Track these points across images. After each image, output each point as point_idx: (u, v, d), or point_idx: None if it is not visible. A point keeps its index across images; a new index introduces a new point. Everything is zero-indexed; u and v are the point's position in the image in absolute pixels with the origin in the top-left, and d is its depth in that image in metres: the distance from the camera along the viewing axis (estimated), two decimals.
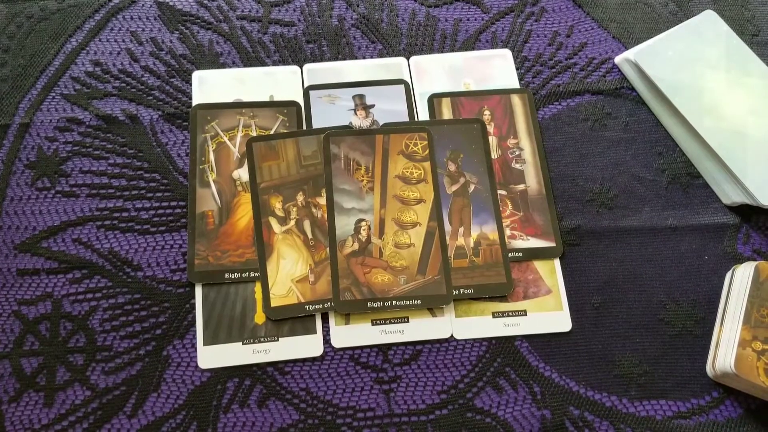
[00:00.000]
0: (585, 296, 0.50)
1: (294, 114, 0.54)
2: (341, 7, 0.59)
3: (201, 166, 0.52)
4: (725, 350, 0.46)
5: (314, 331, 0.48)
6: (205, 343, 0.47)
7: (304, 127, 0.54)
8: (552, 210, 0.52)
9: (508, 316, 0.49)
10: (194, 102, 0.54)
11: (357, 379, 0.47)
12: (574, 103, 0.56)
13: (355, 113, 0.55)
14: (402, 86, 0.56)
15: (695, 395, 0.48)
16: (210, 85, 0.55)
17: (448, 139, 0.54)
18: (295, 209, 0.51)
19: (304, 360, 0.47)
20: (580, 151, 0.55)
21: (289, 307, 0.48)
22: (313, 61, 0.57)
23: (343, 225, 0.50)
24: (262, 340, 0.47)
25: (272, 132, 0.53)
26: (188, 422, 0.45)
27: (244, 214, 0.51)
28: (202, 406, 0.46)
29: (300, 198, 0.51)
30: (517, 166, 0.54)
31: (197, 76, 0.55)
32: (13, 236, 0.49)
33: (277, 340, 0.47)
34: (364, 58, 0.57)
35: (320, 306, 0.48)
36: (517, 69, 0.57)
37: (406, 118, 0.55)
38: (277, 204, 0.51)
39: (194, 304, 0.48)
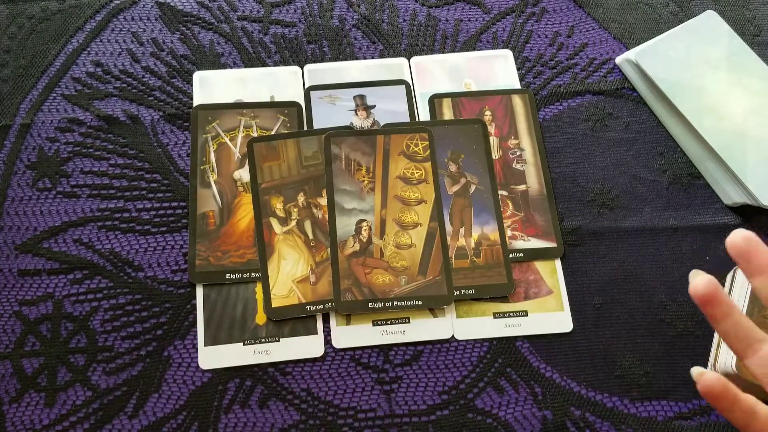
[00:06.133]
0: (586, 297, 0.50)
1: (295, 114, 0.54)
2: (342, 8, 0.59)
3: (202, 167, 0.52)
4: (726, 351, 0.46)
5: (315, 332, 0.48)
6: (206, 344, 0.47)
7: (305, 128, 0.54)
8: (553, 210, 0.52)
9: (509, 316, 0.49)
10: (195, 102, 0.54)
11: (358, 379, 0.47)
12: (575, 104, 0.56)
13: (356, 114, 0.55)
14: (403, 87, 0.56)
15: (697, 396, 0.48)
16: (211, 86, 0.55)
17: (449, 139, 0.54)
18: (296, 210, 0.51)
19: (305, 361, 0.47)
20: (581, 152, 0.55)
21: (290, 308, 0.48)
22: (314, 61, 0.57)
23: (344, 225, 0.50)
24: (263, 340, 0.47)
25: (273, 132, 0.53)
26: (189, 423, 0.45)
27: (245, 215, 0.51)
28: (202, 407, 0.46)
29: (301, 198, 0.51)
30: (518, 166, 0.54)
31: (198, 76, 0.55)
32: (14, 237, 0.49)
33: (278, 340, 0.47)
34: (365, 58, 0.57)
35: (321, 306, 0.48)
36: (518, 69, 0.57)
37: (407, 119, 0.55)
38: (277, 204, 0.51)
39: (195, 304, 0.48)
